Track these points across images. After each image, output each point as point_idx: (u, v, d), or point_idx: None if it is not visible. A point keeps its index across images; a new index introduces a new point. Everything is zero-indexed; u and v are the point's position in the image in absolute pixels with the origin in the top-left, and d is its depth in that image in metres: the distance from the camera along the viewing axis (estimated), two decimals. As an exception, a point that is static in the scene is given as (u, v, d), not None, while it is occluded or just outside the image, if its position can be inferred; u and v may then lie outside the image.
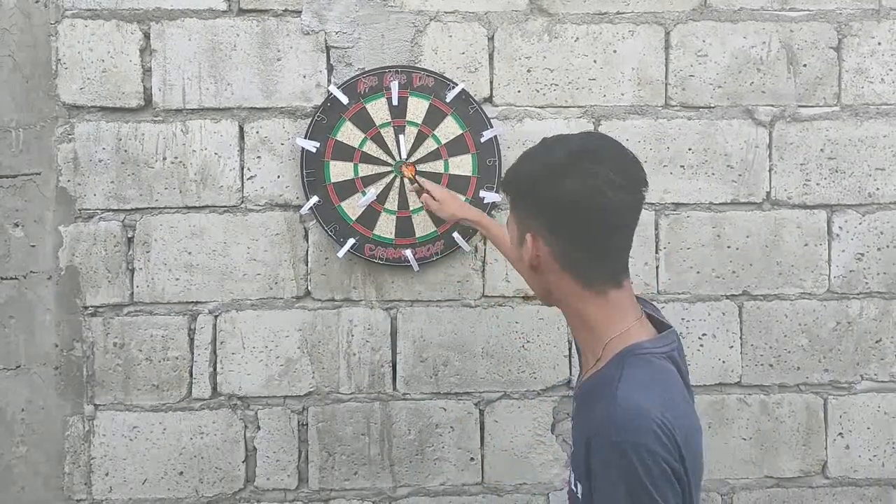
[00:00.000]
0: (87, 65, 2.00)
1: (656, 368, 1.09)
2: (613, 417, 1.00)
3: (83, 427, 2.03)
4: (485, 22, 2.05)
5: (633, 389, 1.03)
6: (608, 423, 1.01)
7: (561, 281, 1.14)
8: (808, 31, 2.07)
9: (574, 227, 1.10)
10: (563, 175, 1.08)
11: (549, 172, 1.09)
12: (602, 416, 1.02)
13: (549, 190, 1.09)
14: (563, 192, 1.08)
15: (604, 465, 1.00)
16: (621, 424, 1.00)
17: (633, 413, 1.00)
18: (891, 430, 2.11)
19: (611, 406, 1.02)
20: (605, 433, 1.01)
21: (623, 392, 1.03)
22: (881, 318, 2.10)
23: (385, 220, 2.02)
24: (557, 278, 1.14)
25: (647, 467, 0.98)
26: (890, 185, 2.09)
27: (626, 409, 1.01)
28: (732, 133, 2.07)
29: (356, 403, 2.06)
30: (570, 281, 1.13)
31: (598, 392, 1.08)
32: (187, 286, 2.03)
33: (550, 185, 1.09)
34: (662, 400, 1.03)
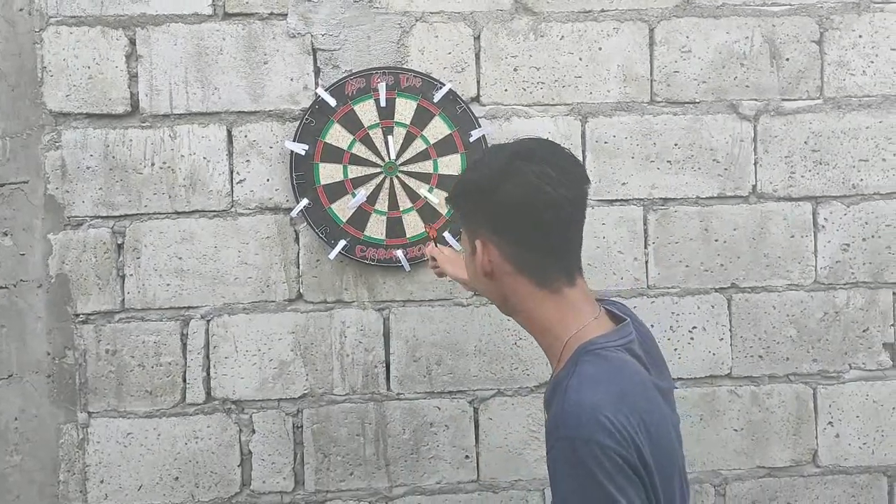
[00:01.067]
0: (72, 72, 1.99)
1: (611, 362, 1.09)
2: (562, 415, 1.01)
3: (77, 435, 2.03)
4: (470, 22, 2.06)
5: (582, 386, 1.04)
6: (558, 421, 1.02)
7: (516, 283, 1.15)
8: (789, 25, 2.10)
9: (520, 227, 1.12)
10: (502, 179, 1.11)
11: (489, 179, 1.12)
12: (553, 415, 1.04)
13: (490, 195, 1.12)
14: (504, 195, 1.10)
15: (555, 462, 1.01)
16: (570, 421, 1.00)
17: (581, 408, 1.01)
18: (879, 418, 2.13)
19: (561, 404, 1.03)
20: (555, 431, 1.02)
21: (572, 389, 1.04)
22: (867, 308, 2.13)
23: (375, 221, 2.03)
24: (512, 281, 1.15)
25: (599, 461, 0.97)
26: (873, 176, 2.12)
27: (574, 405, 1.01)
28: (718, 127, 2.09)
29: (350, 404, 2.07)
30: (525, 282, 1.14)
31: (554, 393, 1.09)
32: (178, 291, 2.03)
33: (491, 190, 1.11)
34: (614, 393, 1.03)
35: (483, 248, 1.14)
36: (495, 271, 1.15)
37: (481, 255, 1.15)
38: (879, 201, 2.12)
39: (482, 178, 1.14)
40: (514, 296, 1.16)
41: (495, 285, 1.17)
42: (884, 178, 2.12)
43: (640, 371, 1.11)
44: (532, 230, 1.12)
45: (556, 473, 1.01)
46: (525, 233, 1.12)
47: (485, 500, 2.09)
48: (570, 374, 1.06)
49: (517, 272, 1.14)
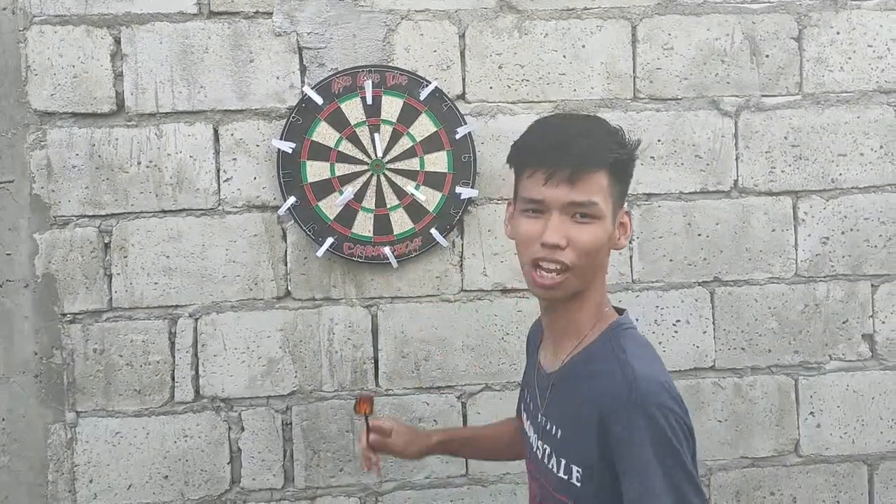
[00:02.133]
0: (57, 71, 1.99)
1: (643, 341, 1.15)
2: (632, 385, 1.03)
3: (65, 434, 2.02)
4: (455, 20, 2.07)
5: (638, 358, 1.08)
6: (628, 390, 1.03)
7: (606, 258, 1.18)
8: (769, 22, 2.13)
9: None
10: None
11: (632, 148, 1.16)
12: (617, 385, 1.05)
13: (633, 165, 1.17)
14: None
15: (629, 431, 1.02)
16: (643, 389, 1.03)
17: (650, 379, 1.05)
18: (859, 408, 2.18)
19: (628, 373, 1.05)
20: (626, 401, 1.02)
21: (632, 360, 1.07)
22: (847, 300, 2.17)
23: (363, 219, 2.04)
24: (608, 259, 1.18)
25: (672, 427, 1.01)
26: (852, 170, 2.16)
27: (642, 375, 1.05)
28: (699, 123, 2.12)
29: (339, 401, 2.08)
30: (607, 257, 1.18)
31: (600, 360, 1.11)
32: (166, 290, 2.03)
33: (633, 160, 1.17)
34: (664, 369, 1.10)
35: (629, 219, 1.18)
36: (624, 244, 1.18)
37: (627, 229, 1.18)
38: (858, 195, 2.16)
39: (632, 148, 1.16)
40: (600, 271, 1.17)
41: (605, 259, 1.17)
42: (862, 173, 2.16)
43: None
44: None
45: (632, 441, 1.02)
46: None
47: (474, 493, 2.11)
48: (622, 346, 1.10)
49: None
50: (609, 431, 1.04)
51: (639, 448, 1.01)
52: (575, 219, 1.10)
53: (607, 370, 1.08)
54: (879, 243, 2.16)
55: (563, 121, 1.22)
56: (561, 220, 1.10)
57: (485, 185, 2.07)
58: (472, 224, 2.09)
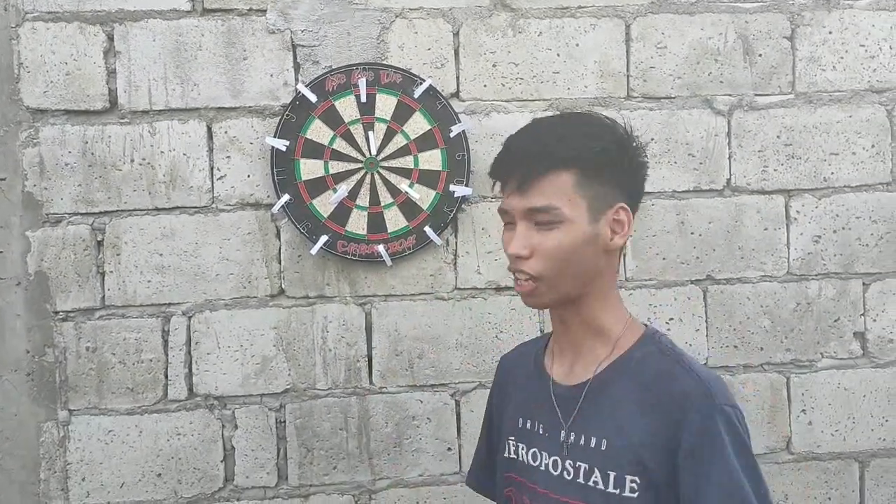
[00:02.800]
0: (50, 68, 1.98)
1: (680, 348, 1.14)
2: (706, 385, 1.02)
3: (58, 433, 2.02)
4: (449, 18, 2.07)
5: (695, 362, 1.09)
6: (703, 391, 1.02)
7: (612, 260, 1.12)
8: (762, 21, 2.14)
9: (640, 195, 1.14)
10: (631, 141, 1.11)
11: (627, 139, 1.11)
12: (688, 386, 1.03)
13: (632, 157, 1.11)
14: (640, 162, 1.12)
15: (706, 435, 1.00)
16: (718, 391, 1.03)
17: (718, 379, 1.06)
18: (850, 406, 2.19)
19: (697, 378, 1.03)
20: (703, 401, 1.01)
21: (692, 364, 1.07)
22: (839, 298, 2.18)
23: (357, 217, 2.04)
24: (611, 258, 1.12)
25: (745, 426, 1.03)
26: (843, 169, 2.17)
27: (710, 376, 1.05)
28: (693, 122, 2.13)
29: (333, 399, 2.08)
30: (615, 262, 1.14)
31: (650, 370, 1.07)
32: (159, 288, 2.03)
33: (632, 151, 1.11)
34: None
35: (627, 214, 1.10)
36: (620, 241, 1.10)
37: (629, 218, 1.10)
38: (849, 194, 2.17)
39: (621, 136, 1.10)
40: (601, 277, 1.11)
41: (596, 263, 1.09)
42: (853, 172, 2.17)
43: None
44: (640, 200, 1.15)
45: (714, 440, 1.00)
46: (638, 202, 1.14)
47: (467, 491, 2.10)
48: (674, 353, 1.08)
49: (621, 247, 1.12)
50: (684, 431, 1.01)
51: (721, 447, 1.00)
52: (539, 225, 1.06)
53: (671, 371, 1.05)
54: (871, 242, 2.18)
55: (528, 126, 1.17)
56: (526, 229, 1.07)
57: (479, 183, 2.08)
58: (466, 222, 2.09)
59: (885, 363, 2.19)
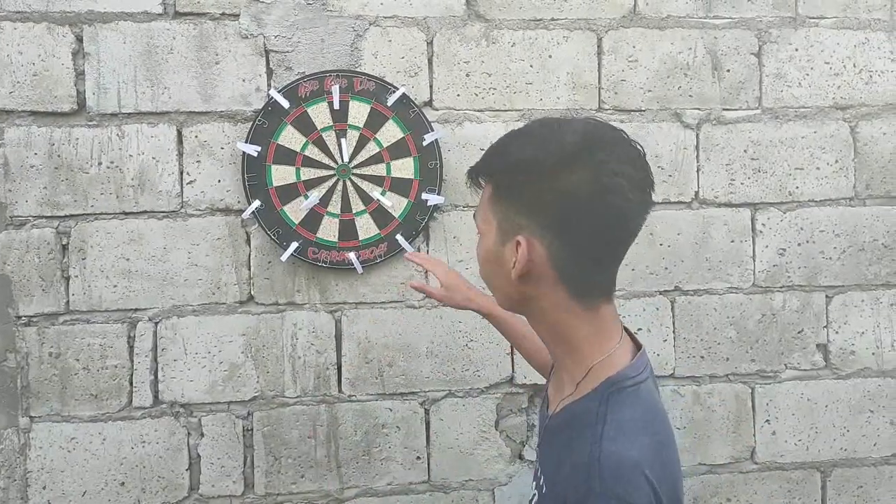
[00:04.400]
0: (16, 68, 1.95)
1: (645, 405, 0.97)
2: (599, 468, 0.89)
3: (18, 440, 1.97)
4: (423, 27, 2.08)
5: (620, 435, 0.91)
6: (593, 472, 0.89)
7: (551, 292, 0.97)
8: (730, 37, 2.18)
9: (580, 229, 0.93)
10: (572, 163, 0.91)
11: (557, 160, 0.92)
12: (585, 463, 0.90)
13: (554, 180, 0.92)
14: (571, 185, 0.91)
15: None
16: (607, 476, 0.88)
17: (621, 464, 0.89)
18: (814, 416, 2.23)
19: (595, 453, 0.90)
20: (588, 483, 0.88)
21: (608, 438, 0.91)
22: (802, 310, 2.22)
23: (328, 224, 2.03)
24: (548, 290, 0.97)
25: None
26: (808, 183, 2.21)
27: (613, 458, 0.89)
28: (662, 135, 2.16)
29: (302, 407, 2.06)
30: (563, 291, 0.97)
31: (578, 429, 0.95)
32: (126, 293, 2.00)
33: (555, 174, 0.91)
34: (652, 447, 0.92)
35: (527, 246, 0.95)
36: (532, 274, 0.96)
37: (523, 253, 0.95)
38: (813, 208, 2.22)
39: (548, 156, 0.92)
40: (541, 303, 0.99)
41: (520, 288, 0.99)
42: (818, 186, 2.21)
43: (664, 411, 1.02)
44: (591, 235, 0.94)
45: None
46: (583, 237, 0.94)
47: (436, 500, 2.11)
48: (603, 416, 0.93)
49: (560, 281, 0.96)
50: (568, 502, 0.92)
51: None
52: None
53: (581, 442, 0.93)
54: (834, 255, 2.22)
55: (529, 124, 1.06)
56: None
57: (451, 191, 2.08)
58: (438, 231, 2.09)
59: (846, 374, 2.23)
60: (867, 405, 2.24)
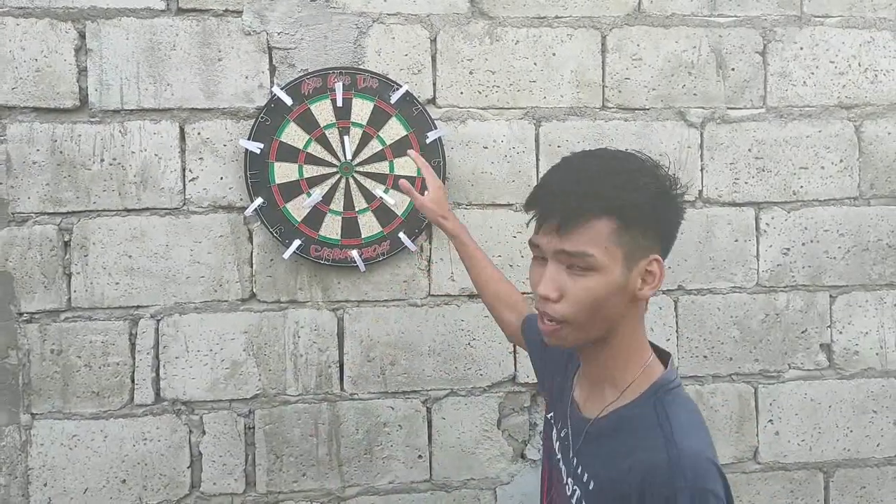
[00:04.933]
0: (19, 64, 1.94)
1: (690, 406, 1.07)
2: (681, 466, 0.96)
3: (20, 437, 1.97)
4: (427, 24, 2.07)
5: (687, 434, 1.00)
6: (675, 471, 0.96)
7: (638, 308, 1.09)
8: (735, 36, 2.17)
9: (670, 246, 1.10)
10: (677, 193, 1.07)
11: (671, 187, 1.06)
12: (660, 464, 0.98)
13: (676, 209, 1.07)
14: (680, 212, 1.08)
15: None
16: (688, 471, 0.96)
17: (697, 458, 0.98)
18: (817, 416, 2.22)
19: (673, 453, 0.98)
20: (669, 483, 0.96)
21: (679, 435, 0.99)
22: (806, 310, 2.21)
23: (331, 221, 2.02)
24: (637, 306, 1.08)
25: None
26: (813, 183, 2.20)
27: (688, 454, 0.97)
28: (666, 134, 2.15)
29: (303, 405, 2.06)
30: (641, 308, 1.10)
31: (640, 431, 1.03)
32: (128, 290, 1.99)
33: (677, 203, 1.07)
34: (709, 440, 1.03)
35: (658, 268, 1.06)
36: (646, 294, 1.06)
37: (661, 271, 1.06)
38: (818, 207, 2.21)
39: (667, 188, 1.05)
40: (630, 319, 1.08)
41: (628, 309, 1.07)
42: (822, 186, 2.20)
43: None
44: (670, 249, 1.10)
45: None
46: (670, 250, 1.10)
47: (437, 499, 2.10)
48: (665, 418, 1.02)
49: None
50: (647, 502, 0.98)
51: None
52: (571, 269, 1.04)
53: (651, 443, 1.00)
54: (838, 255, 2.21)
55: (577, 162, 1.10)
56: (556, 270, 1.05)
57: (454, 189, 2.07)
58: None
59: (850, 375, 2.23)
60: (871, 405, 2.23)
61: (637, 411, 1.05)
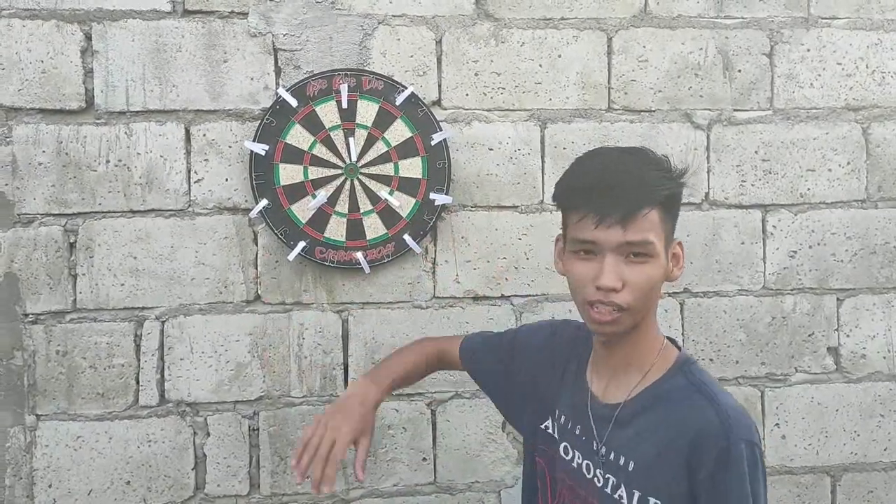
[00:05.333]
0: (25, 66, 1.94)
1: (712, 376, 1.19)
2: (729, 421, 1.06)
3: (25, 438, 1.97)
4: (433, 26, 2.07)
5: (722, 394, 1.12)
6: (726, 426, 1.06)
7: (660, 291, 1.18)
8: (742, 37, 2.16)
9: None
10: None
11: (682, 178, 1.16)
12: (710, 420, 1.07)
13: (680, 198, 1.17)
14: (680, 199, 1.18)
15: (725, 465, 1.05)
16: (737, 426, 1.06)
17: (742, 414, 1.09)
18: (823, 420, 2.21)
19: (721, 411, 1.07)
20: (723, 436, 1.05)
21: (719, 396, 1.10)
22: (813, 313, 2.20)
23: (336, 223, 2.02)
24: (660, 290, 1.17)
25: (761, 463, 1.07)
26: (819, 185, 2.19)
27: (735, 410, 1.09)
28: (673, 136, 2.14)
29: (308, 407, 2.06)
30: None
31: (676, 401, 1.12)
32: (133, 291, 1.99)
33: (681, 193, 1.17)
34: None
35: (681, 250, 1.19)
36: (677, 275, 1.18)
37: (680, 260, 1.18)
38: (825, 210, 2.20)
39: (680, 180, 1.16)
40: (654, 305, 1.17)
41: (659, 293, 1.17)
42: (829, 188, 2.19)
43: None
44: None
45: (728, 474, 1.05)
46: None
47: (442, 502, 2.10)
48: (700, 383, 1.13)
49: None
50: (702, 464, 1.06)
51: (736, 481, 1.05)
52: (629, 259, 1.09)
53: (695, 404, 1.10)
54: (845, 258, 2.20)
55: (608, 159, 1.17)
56: (615, 262, 1.09)
57: (459, 191, 2.07)
58: (446, 231, 2.08)
59: (857, 378, 2.21)
60: (878, 409, 2.22)
61: (669, 385, 1.14)
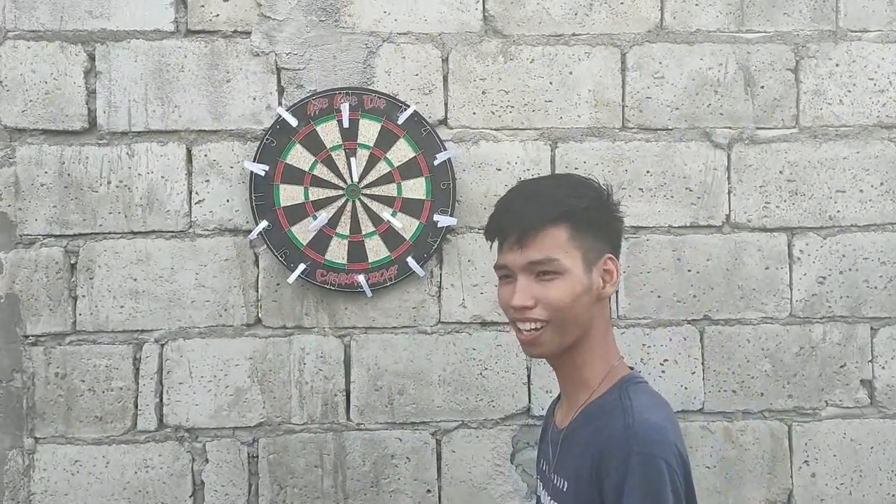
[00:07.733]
0: (29, 87, 1.95)
1: (656, 396, 1.16)
2: (633, 431, 1.04)
3: (23, 461, 1.95)
4: (439, 43, 2.02)
5: (645, 408, 1.08)
6: (626, 436, 1.03)
7: (604, 309, 1.18)
8: (765, 52, 2.06)
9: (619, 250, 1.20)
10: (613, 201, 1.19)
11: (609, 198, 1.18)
12: (617, 432, 1.05)
13: (613, 210, 1.18)
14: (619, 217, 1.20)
15: (622, 477, 1.02)
16: (642, 438, 1.03)
17: (651, 427, 1.05)
18: (857, 458, 2.06)
19: (627, 420, 1.05)
20: (623, 447, 1.03)
21: (637, 409, 1.07)
22: (845, 343, 2.06)
23: (337, 245, 1.97)
24: (603, 306, 1.17)
25: (665, 480, 1.01)
26: (850, 207, 2.07)
27: (644, 423, 1.05)
28: (691, 155, 2.05)
29: (308, 434, 2.00)
30: (606, 310, 1.19)
31: (606, 414, 1.10)
32: (132, 314, 1.97)
33: (615, 208, 1.19)
34: (670, 418, 1.10)
35: (615, 264, 1.17)
36: (609, 292, 1.17)
37: (618, 269, 1.17)
38: (857, 233, 2.07)
39: (603, 193, 1.18)
40: (600, 320, 1.17)
41: (594, 310, 1.16)
42: (861, 210, 2.06)
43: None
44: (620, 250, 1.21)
45: (622, 487, 1.02)
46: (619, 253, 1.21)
47: (446, 536, 2.01)
48: (628, 398, 1.10)
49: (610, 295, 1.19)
50: (605, 477, 1.04)
51: (628, 496, 1.01)
52: (539, 277, 1.12)
53: (612, 423, 1.08)
54: (880, 284, 2.06)
55: (523, 185, 1.24)
56: (526, 281, 1.12)
57: (465, 213, 2.00)
58: (452, 253, 2.02)
59: (894, 413, 2.06)
60: (917, 448, 2.06)
61: (605, 400, 1.13)
